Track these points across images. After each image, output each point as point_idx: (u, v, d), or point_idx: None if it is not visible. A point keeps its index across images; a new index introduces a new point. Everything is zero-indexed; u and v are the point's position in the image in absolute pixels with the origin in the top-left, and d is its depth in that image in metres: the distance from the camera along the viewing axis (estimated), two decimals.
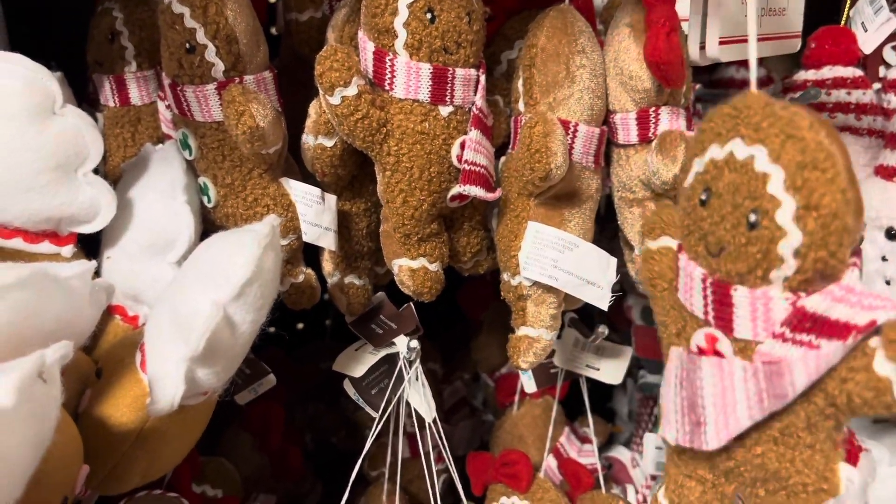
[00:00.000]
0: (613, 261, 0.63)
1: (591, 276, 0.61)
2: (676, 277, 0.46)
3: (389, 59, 0.56)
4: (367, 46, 0.57)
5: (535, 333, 0.64)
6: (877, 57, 0.79)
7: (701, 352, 0.44)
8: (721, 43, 0.62)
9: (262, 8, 0.71)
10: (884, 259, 0.71)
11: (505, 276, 0.65)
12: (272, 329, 0.92)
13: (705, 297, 0.42)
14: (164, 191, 0.63)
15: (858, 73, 0.78)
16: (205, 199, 0.64)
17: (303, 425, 1.07)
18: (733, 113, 0.40)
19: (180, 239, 0.62)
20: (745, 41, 0.62)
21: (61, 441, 0.46)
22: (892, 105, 0.75)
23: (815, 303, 0.39)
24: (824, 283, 0.39)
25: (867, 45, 0.78)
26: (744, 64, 0.92)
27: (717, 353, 0.43)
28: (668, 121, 0.62)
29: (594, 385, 0.82)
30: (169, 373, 0.51)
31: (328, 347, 0.98)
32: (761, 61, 0.92)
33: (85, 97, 0.76)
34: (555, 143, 0.57)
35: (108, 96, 0.72)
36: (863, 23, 0.78)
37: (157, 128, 0.72)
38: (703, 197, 0.41)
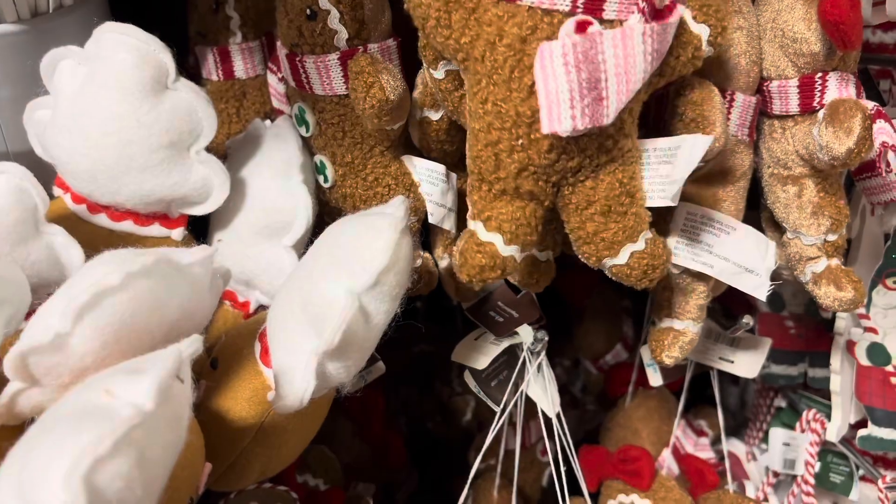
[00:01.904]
0: (773, 245, 0.56)
1: (750, 263, 0.55)
2: None
3: None
4: None
5: (681, 326, 0.59)
6: None
7: None
8: None
9: None
10: None
11: None
12: None
13: None
14: (278, 169, 0.59)
15: None
16: (321, 178, 0.60)
17: (396, 411, 1.04)
18: None
19: (297, 221, 0.58)
20: None
21: (189, 440, 0.43)
22: None
23: None
24: None
25: None
26: (879, 26, 0.85)
27: None
28: (838, 88, 0.55)
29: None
30: (298, 367, 0.47)
31: (419, 330, 0.94)
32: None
33: (185, 71, 0.73)
34: (714, 112, 0.51)
35: (211, 69, 0.69)
36: None
37: (263, 102, 0.68)
38: None
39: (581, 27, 0.44)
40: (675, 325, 0.60)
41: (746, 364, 0.71)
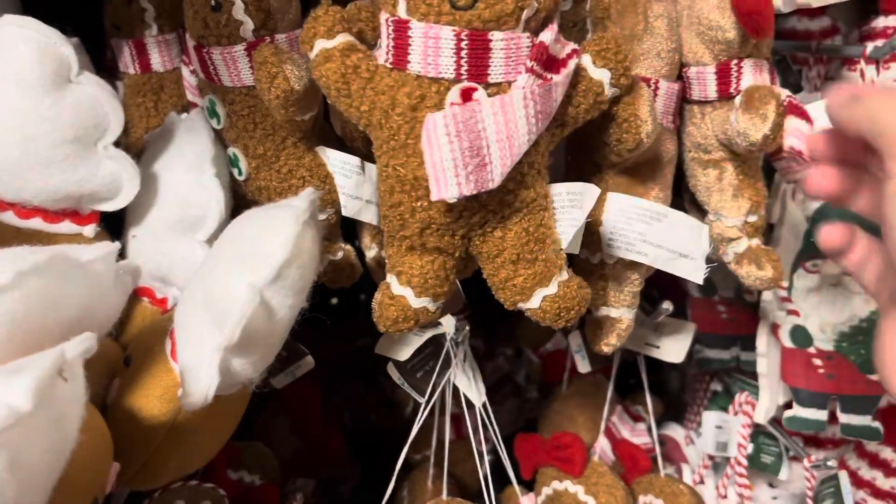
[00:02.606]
0: (706, 228, 0.57)
1: (684, 248, 0.56)
2: (369, 62, 0.47)
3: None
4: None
5: (617, 314, 0.60)
6: None
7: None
8: None
9: None
10: None
11: (582, 255, 0.60)
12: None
13: (458, 52, 0.44)
14: (191, 164, 0.59)
15: None
16: (235, 171, 0.59)
17: (340, 405, 1.03)
18: None
19: (210, 215, 0.58)
20: None
21: (89, 440, 0.42)
22: None
23: (547, 38, 0.46)
24: (545, 24, 0.47)
25: None
26: (805, 14, 0.86)
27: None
28: (752, 75, 0.56)
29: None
30: (202, 363, 0.46)
31: (364, 324, 0.94)
32: (824, 10, 0.85)
33: (102, 65, 0.72)
34: (644, 109, 0.52)
35: (127, 63, 0.68)
36: None
37: (181, 96, 0.67)
38: None
39: (466, 94, 0.45)
40: (611, 314, 0.61)
41: (672, 349, 0.71)
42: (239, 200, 0.62)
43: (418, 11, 0.45)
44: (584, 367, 0.74)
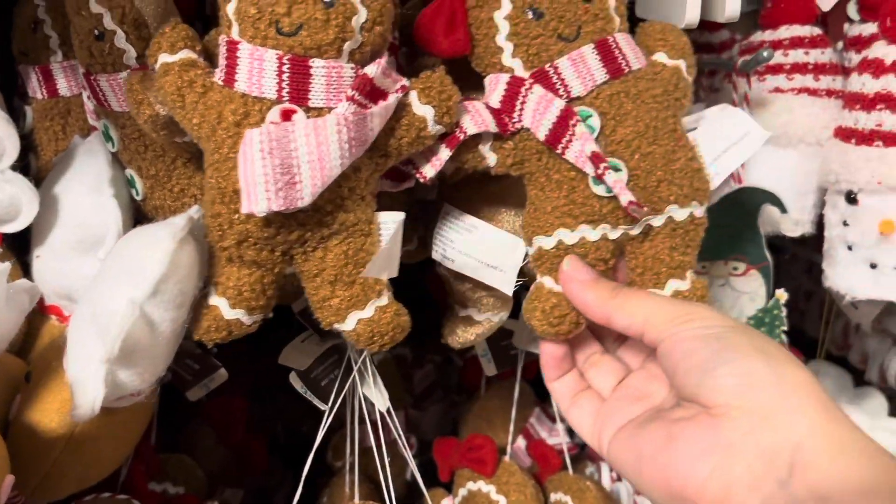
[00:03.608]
0: (521, 243, 0.58)
1: (492, 260, 0.58)
2: (206, 79, 0.49)
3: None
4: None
5: (481, 317, 0.62)
6: (840, 13, 0.76)
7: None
8: None
9: None
10: (845, 224, 0.69)
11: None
12: None
13: (280, 75, 0.47)
14: (90, 185, 0.61)
15: (817, 31, 0.75)
16: (133, 191, 0.62)
17: (272, 415, 1.05)
18: None
19: (109, 234, 0.60)
20: None
21: None
22: (852, 63, 0.72)
23: (372, 71, 0.49)
24: (372, 57, 0.49)
25: (825, 2, 0.75)
26: (707, 27, 0.90)
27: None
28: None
29: None
30: (88, 376, 0.48)
31: (295, 335, 0.96)
32: (723, 24, 0.89)
33: (15, 90, 0.74)
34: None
35: (35, 88, 0.69)
36: None
37: (87, 119, 0.69)
38: None
39: (286, 114, 0.48)
40: (474, 316, 0.63)
41: None
42: (142, 218, 0.64)
43: (247, 34, 0.47)
44: (489, 370, 0.77)
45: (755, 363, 0.42)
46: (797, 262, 1.08)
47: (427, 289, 1.04)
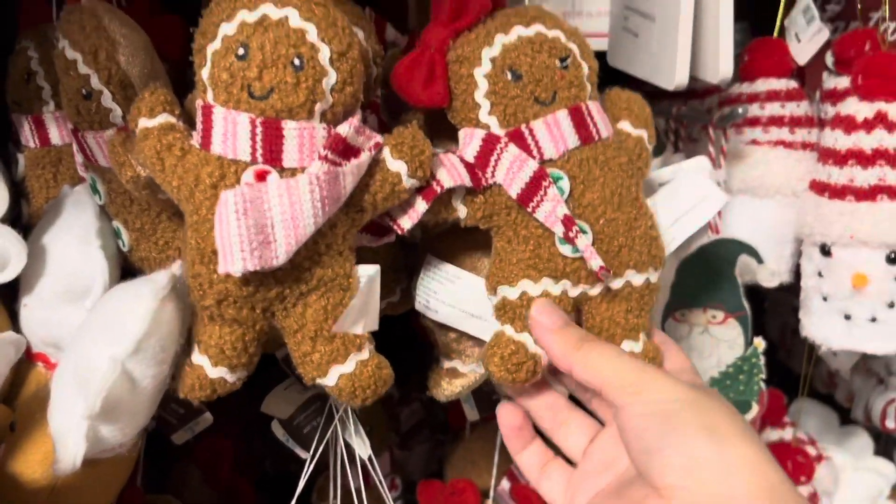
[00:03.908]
0: None
1: (475, 309, 0.59)
2: (184, 142, 0.51)
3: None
4: None
5: (465, 369, 0.63)
6: (819, 63, 0.78)
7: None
8: None
9: (177, 46, 0.69)
10: (820, 275, 0.70)
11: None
12: None
13: (254, 137, 0.49)
14: (78, 235, 0.62)
15: (793, 84, 0.77)
16: (120, 242, 0.63)
17: (260, 455, 1.06)
18: None
19: (95, 285, 0.61)
20: None
21: None
22: (828, 115, 0.74)
23: (344, 130, 0.50)
24: (345, 116, 0.51)
25: (801, 56, 0.77)
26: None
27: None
28: None
29: None
30: (70, 431, 0.50)
31: (283, 374, 0.97)
32: None
33: (10, 137, 0.75)
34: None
35: (28, 137, 0.71)
36: (796, 34, 0.77)
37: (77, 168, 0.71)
38: (241, 52, 0.48)
39: (260, 175, 0.49)
40: (459, 367, 0.64)
41: None
42: (129, 268, 0.65)
43: (221, 98, 0.49)
44: (472, 415, 0.78)
45: (700, 443, 0.43)
46: (784, 298, 1.10)
47: (413, 326, 1.05)
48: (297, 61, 0.48)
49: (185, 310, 0.52)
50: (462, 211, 0.56)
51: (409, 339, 1.08)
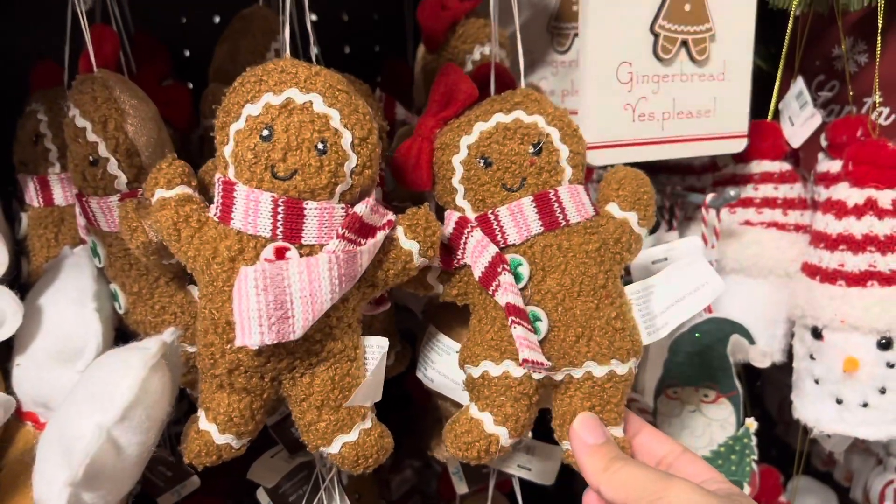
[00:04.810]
0: None
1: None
2: (201, 214, 0.52)
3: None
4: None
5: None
6: (814, 144, 0.79)
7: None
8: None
9: (184, 114, 0.71)
10: (811, 357, 0.70)
11: None
12: None
13: (275, 215, 0.50)
14: (74, 298, 0.63)
15: (786, 167, 0.78)
16: (116, 305, 0.64)
17: None
18: (272, 69, 0.51)
19: (88, 347, 0.61)
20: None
21: None
22: (821, 198, 0.75)
23: (361, 209, 0.51)
24: (362, 197, 0.52)
25: (794, 139, 0.78)
26: None
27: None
28: None
29: None
30: (52, 497, 0.49)
31: (275, 431, 0.96)
32: None
33: (15, 195, 0.77)
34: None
35: (32, 196, 0.72)
36: (790, 117, 0.78)
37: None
38: (265, 133, 0.49)
39: (280, 252, 0.50)
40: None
41: (543, 471, 0.74)
42: (125, 329, 0.66)
43: (243, 176, 0.50)
44: (461, 488, 0.77)
45: None
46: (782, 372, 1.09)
47: (405, 388, 1.05)
48: (321, 145, 0.49)
49: (175, 377, 0.53)
50: (439, 287, 0.58)
51: (401, 401, 1.08)
